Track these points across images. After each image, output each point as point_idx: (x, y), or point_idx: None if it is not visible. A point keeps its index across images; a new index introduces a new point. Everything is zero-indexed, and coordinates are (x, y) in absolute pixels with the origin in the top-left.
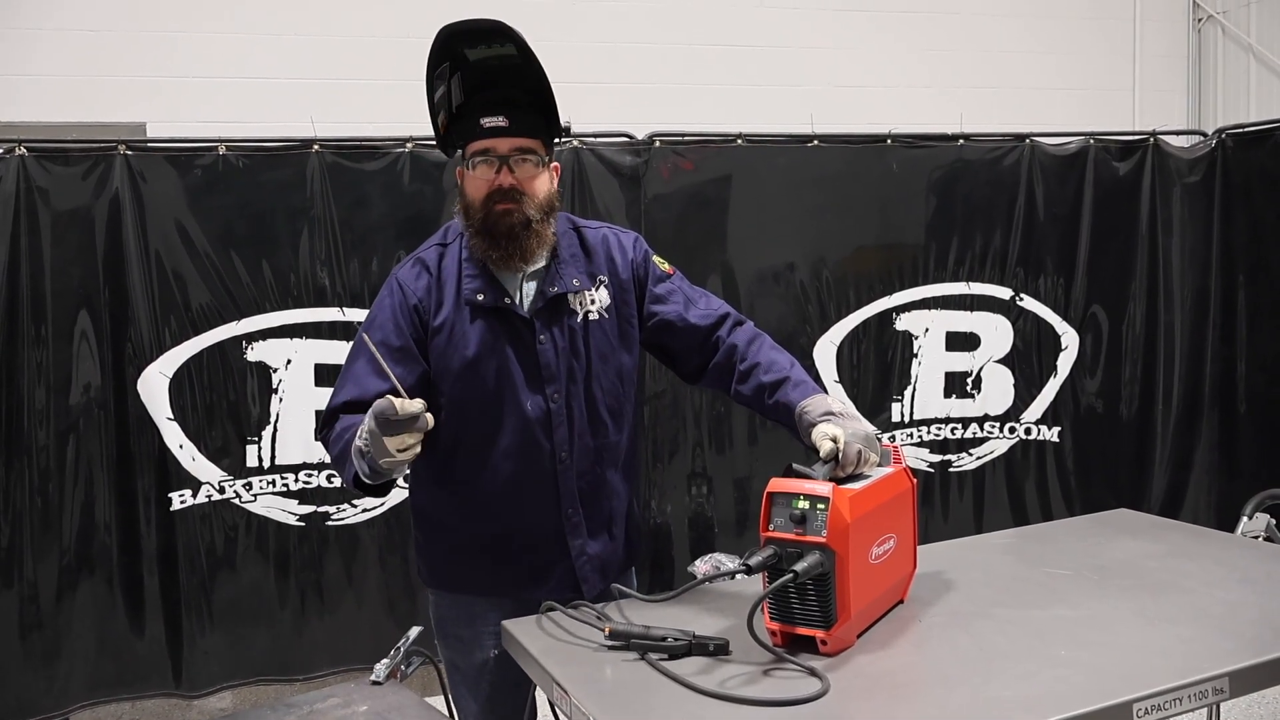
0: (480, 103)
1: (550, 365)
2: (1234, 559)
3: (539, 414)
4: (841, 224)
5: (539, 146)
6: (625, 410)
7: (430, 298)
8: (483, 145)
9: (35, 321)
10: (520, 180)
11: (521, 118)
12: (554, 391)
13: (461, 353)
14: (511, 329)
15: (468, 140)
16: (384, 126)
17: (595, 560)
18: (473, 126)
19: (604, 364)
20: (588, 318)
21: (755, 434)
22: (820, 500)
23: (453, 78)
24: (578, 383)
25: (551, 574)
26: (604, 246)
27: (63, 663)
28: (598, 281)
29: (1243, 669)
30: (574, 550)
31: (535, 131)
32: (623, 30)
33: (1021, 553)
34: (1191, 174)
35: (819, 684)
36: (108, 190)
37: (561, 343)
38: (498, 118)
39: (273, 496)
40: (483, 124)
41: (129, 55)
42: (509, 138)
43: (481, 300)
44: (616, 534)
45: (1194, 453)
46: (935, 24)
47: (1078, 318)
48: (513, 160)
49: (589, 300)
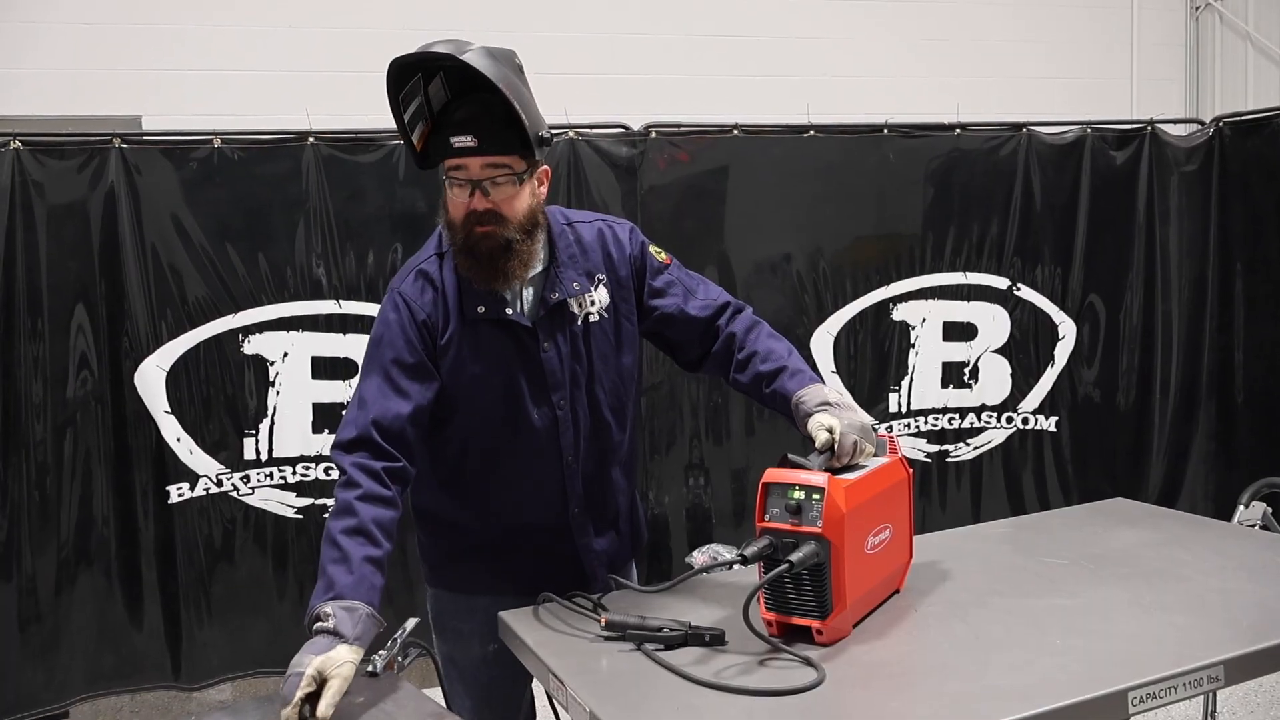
0: (450, 121)
1: (555, 373)
2: (1230, 548)
3: (546, 423)
4: (838, 214)
5: (514, 161)
6: (627, 408)
7: (437, 312)
8: (455, 163)
9: (31, 315)
10: (497, 202)
11: (493, 133)
12: (560, 399)
13: (469, 368)
14: (515, 340)
15: (442, 156)
16: (380, 119)
17: (602, 556)
18: (444, 143)
19: (605, 365)
20: (588, 320)
21: (752, 425)
22: (816, 490)
23: (429, 85)
24: (581, 387)
25: (559, 573)
26: (600, 242)
27: (62, 656)
28: (596, 280)
29: (1238, 657)
30: (581, 548)
31: (507, 147)
32: (618, 21)
33: (1018, 542)
34: (1189, 163)
35: (815, 674)
36: (103, 183)
37: (564, 349)
38: (466, 137)
39: (270, 489)
40: (453, 143)
41: (124, 48)
42: (479, 156)
43: (483, 313)
44: (622, 529)
45: (1191, 442)
46: (931, 13)
47: (1075, 307)
48: (486, 182)
49: (589, 302)
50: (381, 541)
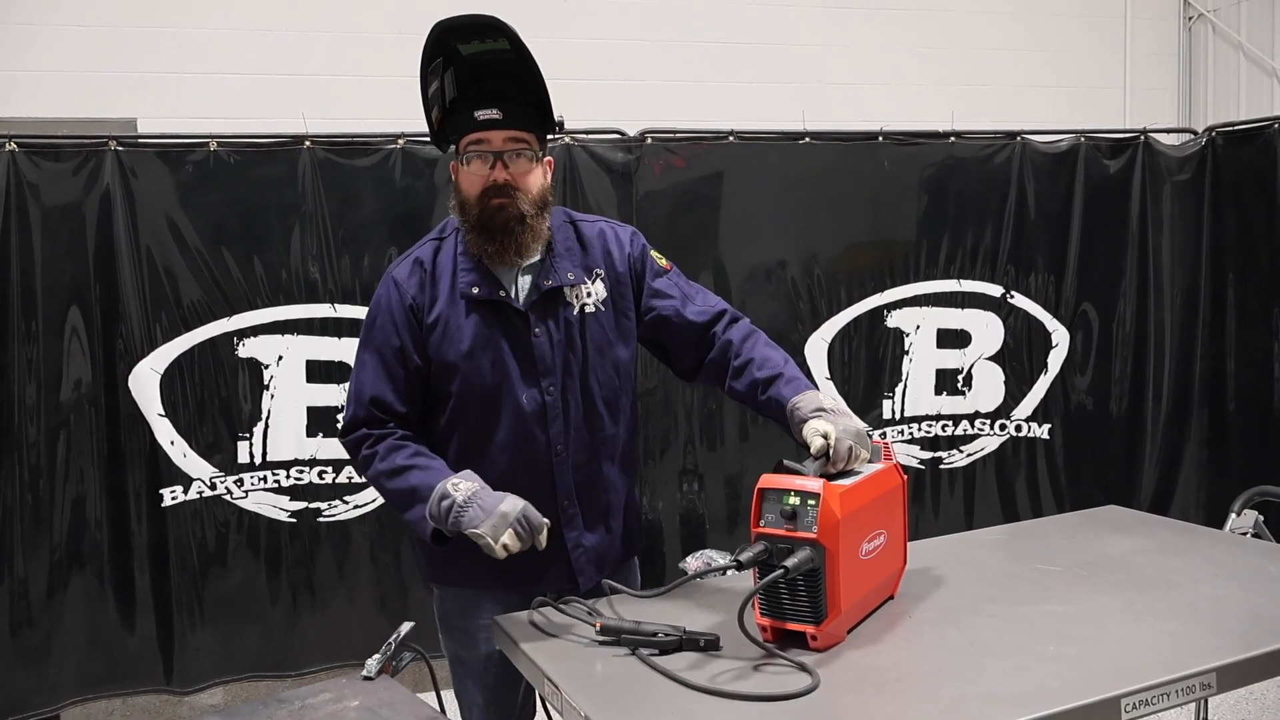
0: (474, 96)
1: (545, 358)
2: (1222, 555)
3: (535, 407)
4: (833, 221)
5: (532, 140)
6: (622, 403)
7: (424, 294)
8: (477, 137)
9: (26, 317)
10: (514, 175)
11: (515, 111)
12: (550, 385)
13: (457, 346)
14: (507, 322)
15: (461, 133)
16: (376, 123)
17: (591, 553)
18: (467, 120)
19: (600, 357)
20: (584, 310)
21: (746, 431)
22: (811, 496)
23: (446, 73)
24: (574, 376)
25: (547, 566)
26: (600, 240)
27: (53, 659)
28: (594, 275)
29: (1230, 664)
30: (570, 542)
31: (529, 125)
32: (614, 27)
33: (1011, 549)
34: (1182, 172)
35: (809, 679)
36: (99, 186)
37: (557, 336)
38: (491, 110)
39: (264, 493)
40: (477, 116)
41: (120, 51)
42: (503, 130)
43: (477, 294)
44: (614, 527)
45: (1183, 450)
46: (927, 21)
47: (1068, 315)
48: (507, 155)
49: (585, 293)
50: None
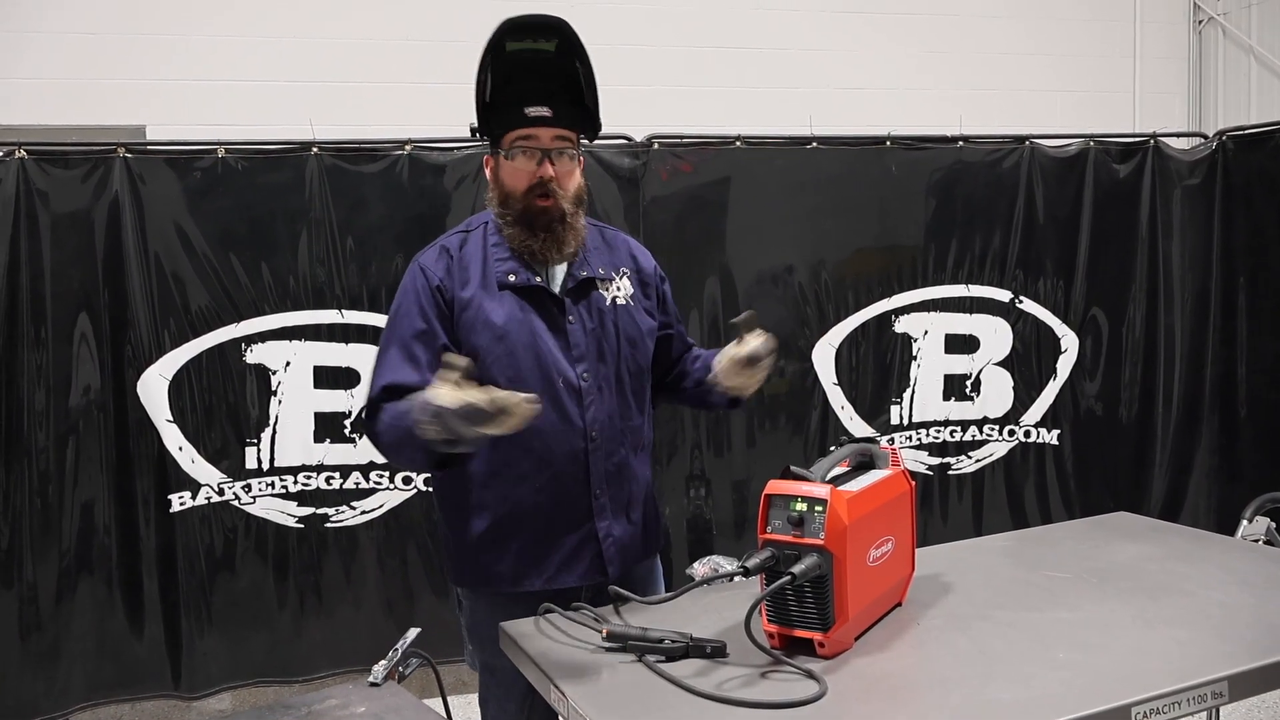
0: (523, 91)
1: (580, 344)
2: (1234, 562)
3: (571, 392)
4: (840, 226)
5: (574, 139)
6: (645, 394)
7: (451, 278)
8: (526, 133)
9: (35, 324)
10: (558, 174)
11: (563, 110)
12: (584, 370)
13: (489, 324)
14: (542, 306)
15: (508, 128)
16: (383, 129)
17: (618, 543)
18: (516, 115)
19: (631, 348)
20: (615, 302)
21: (753, 436)
22: (818, 502)
23: (489, 68)
24: (607, 363)
25: (581, 556)
26: (625, 246)
27: (62, 664)
28: (622, 272)
29: (1242, 673)
30: (600, 531)
31: (575, 124)
32: (621, 32)
33: (1020, 555)
34: (1192, 176)
35: (816, 686)
36: (107, 193)
37: (590, 323)
38: (543, 108)
39: (272, 498)
40: (527, 112)
41: (128, 58)
42: (552, 128)
43: (514, 280)
44: (635, 518)
45: (1194, 456)
46: (934, 26)
47: (1077, 320)
48: (553, 153)
49: (615, 287)
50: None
